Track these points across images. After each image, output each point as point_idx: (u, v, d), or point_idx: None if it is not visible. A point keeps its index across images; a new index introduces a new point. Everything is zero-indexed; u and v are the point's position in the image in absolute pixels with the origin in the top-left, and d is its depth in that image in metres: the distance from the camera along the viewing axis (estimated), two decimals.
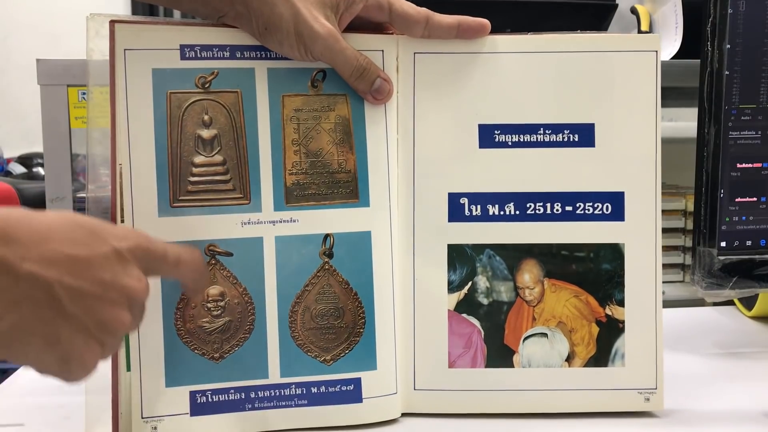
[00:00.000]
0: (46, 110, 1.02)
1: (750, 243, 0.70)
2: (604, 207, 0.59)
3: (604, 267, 0.59)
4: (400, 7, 0.58)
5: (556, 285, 0.60)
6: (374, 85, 0.57)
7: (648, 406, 0.59)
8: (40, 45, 2.66)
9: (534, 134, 0.59)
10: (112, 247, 0.42)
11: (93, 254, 0.41)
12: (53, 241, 0.40)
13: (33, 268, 0.39)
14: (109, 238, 0.43)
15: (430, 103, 0.59)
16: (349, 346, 0.57)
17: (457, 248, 0.59)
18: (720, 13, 0.68)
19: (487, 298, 0.60)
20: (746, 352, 0.77)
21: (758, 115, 0.69)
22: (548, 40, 0.59)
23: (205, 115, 0.56)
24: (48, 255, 0.39)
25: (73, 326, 0.40)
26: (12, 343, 0.40)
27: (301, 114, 0.57)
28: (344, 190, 0.58)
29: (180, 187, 0.55)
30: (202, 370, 0.56)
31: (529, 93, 0.59)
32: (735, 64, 0.68)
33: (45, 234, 0.40)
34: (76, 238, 0.41)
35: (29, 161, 2.64)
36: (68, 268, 0.40)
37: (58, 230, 0.41)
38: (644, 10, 1.15)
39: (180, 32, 0.56)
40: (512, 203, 0.59)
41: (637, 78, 0.59)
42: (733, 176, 0.69)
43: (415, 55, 0.59)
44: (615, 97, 0.59)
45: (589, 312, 0.59)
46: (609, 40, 0.60)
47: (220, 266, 0.56)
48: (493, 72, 0.59)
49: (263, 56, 0.57)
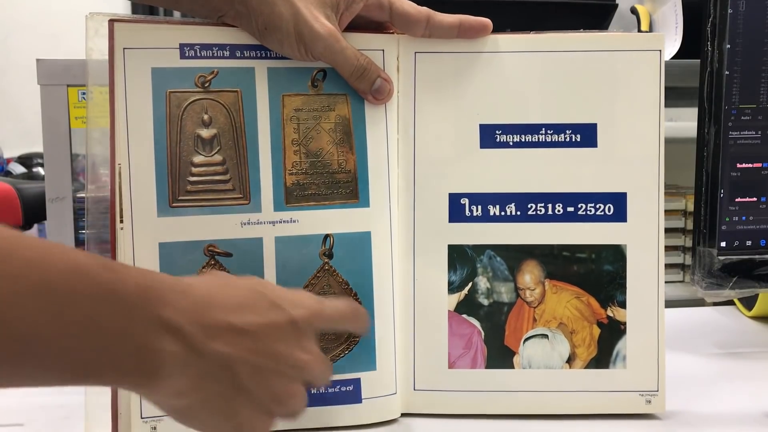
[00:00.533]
0: (46, 110, 1.02)
1: (750, 243, 0.70)
2: (606, 208, 0.59)
3: (605, 268, 0.59)
4: (401, 7, 0.57)
5: (557, 286, 0.59)
6: (374, 85, 0.57)
7: (649, 409, 0.59)
8: (40, 45, 2.65)
9: (536, 134, 0.59)
10: (289, 317, 0.43)
11: (271, 324, 0.42)
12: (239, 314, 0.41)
13: (218, 346, 0.39)
14: (286, 306, 0.43)
15: (431, 102, 0.59)
16: (348, 346, 0.57)
17: (457, 249, 0.59)
18: (720, 13, 0.68)
19: (487, 299, 0.59)
20: (746, 352, 0.77)
21: (758, 115, 0.69)
22: (550, 39, 0.59)
23: (204, 115, 0.56)
24: (233, 331, 0.40)
25: (250, 401, 0.41)
26: (193, 416, 0.41)
27: (301, 114, 0.57)
28: (344, 191, 0.58)
29: (179, 187, 0.55)
30: None
31: (531, 93, 0.59)
32: (735, 64, 0.68)
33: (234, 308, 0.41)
34: (261, 310, 0.42)
35: (29, 161, 2.64)
36: (250, 343, 0.41)
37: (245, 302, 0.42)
38: (644, 10, 1.15)
39: (179, 31, 0.55)
40: (513, 204, 0.59)
41: (641, 77, 0.59)
42: (733, 176, 0.69)
43: (416, 54, 0.59)
44: (618, 96, 0.59)
45: (590, 313, 0.59)
46: (612, 39, 0.59)
47: (220, 267, 0.56)
48: (494, 72, 0.59)
49: (263, 56, 0.57)
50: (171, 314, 0.38)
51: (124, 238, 0.54)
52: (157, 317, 0.37)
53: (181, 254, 0.55)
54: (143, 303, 0.37)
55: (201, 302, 0.40)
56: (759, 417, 0.59)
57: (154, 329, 0.37)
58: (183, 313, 0.38)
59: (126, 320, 0.37)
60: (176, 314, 0.38)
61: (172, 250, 0.55)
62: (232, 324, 0.40)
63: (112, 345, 0.36)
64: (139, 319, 0.37)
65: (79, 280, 0.35)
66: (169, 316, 0.38)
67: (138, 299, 0.37)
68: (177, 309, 0.38)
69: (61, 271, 0.35)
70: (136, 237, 0.54)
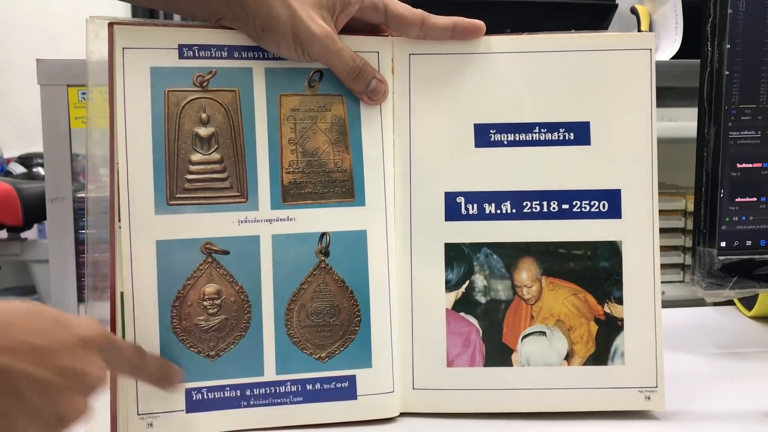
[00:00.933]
0: (46, 110, 1.02)
1: (750, 243, 0.70)
2: (601, 205, 0.59)
3: (602, 265, 0.59)
4: (396, 9, 0.58)
5: (554, 283, 0.59)
6: (370, 86, 0.58)
7: (649, 405, 0.59)
8: (40, 45, 2.66)
9: (529, 133, 0.59)
10: (76, 336, 0.42)
11: (57, 343, 0.41)
12: (17, 330, 0.40)
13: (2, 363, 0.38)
14: (73, 327, 0.43)
15: (426, 103, 0.59)
16: (344, 343, 0.57)
17: (454, 247, 0.59)
18: (720, 13, 0.68)
19: (484, 297, 0.59)
20: (746, 352, 0.76)
21: (758, 115, 0.69)
22: (542, 39, 0.60)
23: (202, 113, 0.56)
24: (11, 344, 0.39)
25: (30, 416, 0.40)
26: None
27: (298, 113, 0.57)
28: (340, 189, 0.58)
29: (177, 185, 0.55)
30: (197, 368, 0.56)
31: (524, 92, 0.59)
32: (735, 64, 0.68)
33: (9, 323, 0.40)
34: (41, 327, 0.41)
35: (29, 161, 2.65)
36: (31, 357, 0.40)
37: (22, 319, 0.41)
38: (644, 10, 1.15)
39: (178, 32, 0.56)
40: (509, 202, 0.59)
41: (632, 76, 0.59)
42: (733, 176, 0.69)
43: (411, 56, 0.60)
44: (610, 95, 0.59)
45: (587, 310, 0.59)
46: (603, 39, 0.60)
47: (217, 264, 0.56)
48: (488, 72, 0.59)
49: (260, 57, 0.57)
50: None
51: (122, 237, 0.54)
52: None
53: (178, 252, 0.55)
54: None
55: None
56: (759, 417, 0.59)
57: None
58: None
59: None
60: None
61: (170, 248, 0.55)
62: (8, 338, 0.40)
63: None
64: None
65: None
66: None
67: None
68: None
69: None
70: (134, 235, 0.54)
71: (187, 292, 0.55)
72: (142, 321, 0.54)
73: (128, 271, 0.54)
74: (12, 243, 2.22)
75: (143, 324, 0.54)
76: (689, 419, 0.58)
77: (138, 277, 0.54)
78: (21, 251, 2.22)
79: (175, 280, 0.55)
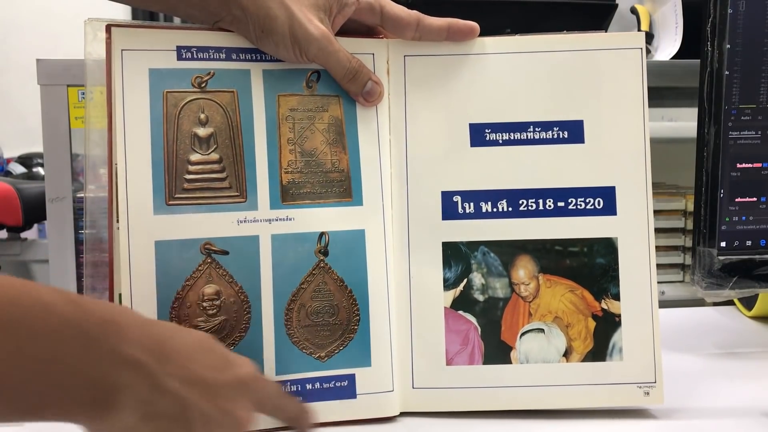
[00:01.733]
0: (46, 110, 1.02)
1: (750, 243, 0.70)
2: (596, 202, 0.59)
3: (598, 261, 0.59)
4: (392, 10, 0.58)
5: (551, 280, 0.60)
6: (365, 88, 0.58)
7: (648, 401, 0.59)
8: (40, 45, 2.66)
9: (524, 132, 0.60)
10: (237, 377, 0.44)
11: (223, 381, 0.43)
12: (196, 362, 0.42)
13: (177, 386, 0.40)
14: (235, 367, 0.44)
15: (422, 103, 0.60)
16: (343, 342, 0.57)
17: (451, 246, 0.59)
18: (720, 13, 0.68)
19: (482, 295, 0.60)
20: (746, 352, 0.76)
21: (758, 115, 0.69)
22: (535, 40, 0.60)
23: (201, 114, 0.56)
24: (191, 376, 0.41)
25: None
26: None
27: (296, 114, 0.58)
28: (338, 189, 0.58)
29: (176, 185, 0.55)
30: None
31: (518, 92, 0.60)
32: (735, 64, 0.68)
33: (190, 354, 0.42)
34: (213, 363, 0.43)
35: (29, 161, 2.65)
36: (204, 392, 0.41)
37: (201, 354, 0.43)
38: (644, 10, 1.15)
39: (176, 34, 0.56)
40: (505, 200, 0.59)
41: (624, 75, 0.60)
42: (733, 176, 0.69)
43: (406, 57, 0.60)
44: (603, 93, 0.60)
45: (584, 306, 0.59)
46: (595, 39, 0.60)
47: (216, 265, 0.56)
48: (482, 72, 0.60)
49: (258, 58, 0.57)
50: (131, 349, 0.38)
51: (120, 237, 0.54)
52: (118, 351, 0.38)
53: (177, 252, 0.55)
54: (104, 336, 0.38)
55: (161, 340, 0.40)
56: (758, 417, 0.59)
57: (111, 362, 0.38)
58: (143, 349, 0.39)
59: (85, 353, 0.37)
60: (136, 349, 0.39)
61: (169, 249, 0.55)
62: (189, 369, 0.41)
63: (69, 378, 0.37)
64: (98, 351, 0.37)
65: (43, 317, 0.36)
66: (129, 351, 0.38)
67: (100, 332, 0.38)
68: (137, 344, 0.39)
69: (26, 308, 0.36)
70: (132, 235, 0.54)
71: (186, 293, 0.55)
72: None
73: (127, 271, 0.54)
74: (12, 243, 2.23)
75: None
76: (689, 419, 0.58)
77: (137, 278, 0.54)
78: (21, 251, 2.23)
79: (174, 281, 0.55)
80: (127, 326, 0.39)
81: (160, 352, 0.40)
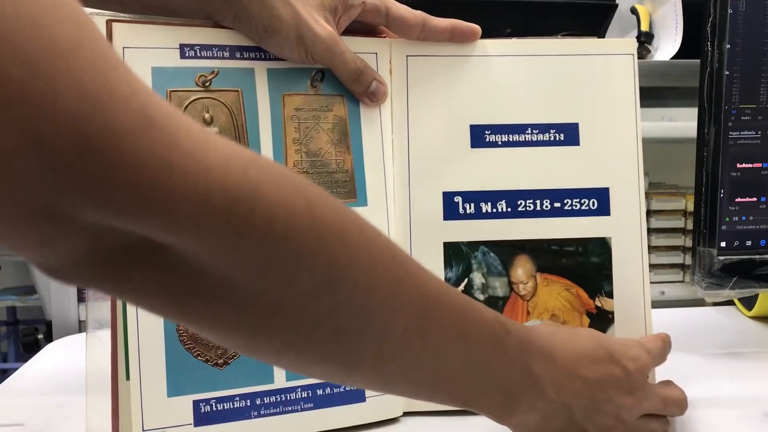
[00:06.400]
0: None
1: (750, 243, 0.70)
2: (591, 203, 0.60)
3: (592, 260, 0.60)
4: (397, 11, 0.58)
5: (548, 279, 0.60)
6: (370, 88, 0.58)
7: None
8: None
9: (522, 134, 0.60)
10: (624, 370, 0.49)
11: (607, 375, 0.48)
12: (581, 367, 0.47)
13: (564, 397, 0.46)
14: (623, 360, 0.49)
15: (423, 104, 0.60)
16: None
17: (452, 246, 0.60)
18: (720, 13, 0.68)
19: (483, 294, 0.60)
20: (746, 352, 0.77)
21: (758, 115, 0.69)
22: (534, 43, 0.61)
23: (206, 114, 0.56)
24: (576, 385, 0.47)
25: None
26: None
27: (302, 113, 0.57)
28: (342, 190, 0.58)
29: None
30: (205, 378, 0.53)
31: (517, 94, 0.61)
32: (735, 64, 0.68)
33: (577, 358, 0.47)
34: (598, 359, 0.48)
35: None
36: (588, 390, 0.47)
37: (585, 352, 0.48)
38: (644, 10, 1.15)
39: (179, 32, 0.55)
40: (504, 201, 0.60)
41: (616, 80, 0.61)
42: (733, 176, 0.70)
43: (408, 57, 0.60)
44: (596, 97, 0.61)
45: (580, 304, 0.60)
46: (590, 44, 0.62)
47: None
48: (483, 74, 0.60)
49: (262, 57, 0.57)
50: (537, 368, 0.45)
51: None
52: (527, 368, 0.44)
53: None
54: (521, 355, 0.44)
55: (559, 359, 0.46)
56: (758, 416, 0.59)
57: (522, 377, 0.44)
58: (545, 369, 0.45)
59: (507, 367, 0.44)
60: (540, 369, 0.45)
61: None
62: (577, 374, 0.47)
63: (492, 384, 0.44)
64: (516, 367, 0.44)
65: (484, 331, 0.43)
66: (536, 370, 0.45)
67: (518, 351, 0.44)
68: (542, 364, 0.45)
69: (475, 322, 0.42)
70: None
71: None
72: (146, 329, 0.52)
73: None
74: None
75: (147, 332, 0.52)
76: (688, 419, 0.58)
77: None
78: None
79: None
80: (534, 348, 0.45)
81: (555, 372, 0.46)
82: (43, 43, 0.25)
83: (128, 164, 0.27)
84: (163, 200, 0.28)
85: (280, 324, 0.35)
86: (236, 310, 0.34)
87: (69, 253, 0.29)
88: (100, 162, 0.26)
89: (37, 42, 0.24)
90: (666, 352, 0.56)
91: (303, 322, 0.35)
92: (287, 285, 0.33)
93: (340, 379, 0.44)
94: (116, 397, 0.52)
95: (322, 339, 0.36)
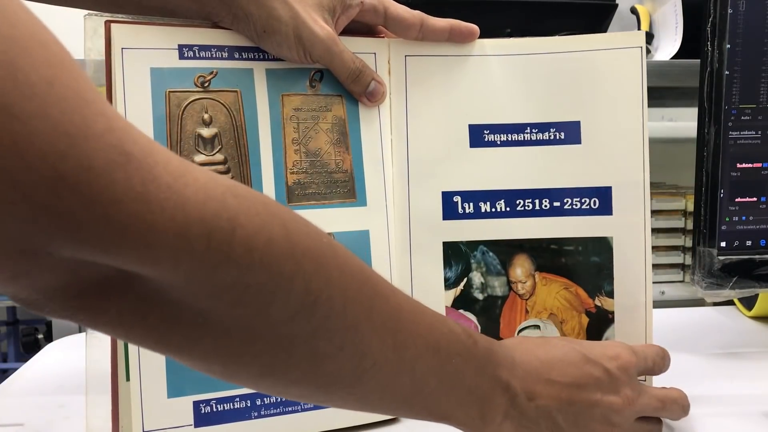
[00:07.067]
0: None
1: (750, 243, 0.70)
2: (592, 202, 0.60)
3: (592, 260, 0.60)
4: (396, 11, 0.58)
5: (546, 278, 0.60)
6: (369, 88, 0.58)
7: None
8: None
9: (521, 133, 0.60)
10: (603, 369, 0.49)
11: (584, 376, 0.48)
12: (553, 371, 0.47)
13: (540, 403, 0.46)
14: (601, 359, 0.49)
15: (422, 104, 0.60)
16: None
17: (452, 245, 0.60)
18: (720, 13, 0.68)
19: (482, 293, 0.60)
20: (746, 352, 0.77)
21: (758, 115, 0.69)
22: (534, 42, 0.61)
23: (204, 114, 0.56)
24: (551, 390, 0.47)
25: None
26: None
27: (301, 113, 0.57)
28: (342, 190, 0.58)
29: None
30: (205, 379, 0.51)
31: (516, 94, 0.60)
32: (735, 64, 0.68)
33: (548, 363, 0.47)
34: (572, 361, 0.48)
35: None
36: (566, 394, 0.47)
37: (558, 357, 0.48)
38: (644, 10, 1.15)
39: (177, 32, 0.55)
40: (503, 200, 0.60)
41: (623, 74, 0.59)
42: (733, 176, 0.69)
43: (406, 57, 0.60)
44: (600, 94, 0.60)
45: (578, 303, 0.60)
46: (594, 40, 0.60)
47: None
48: (481, 74, 0.60)
49: (261, 57, 0.57)
50: (505, 376, 0.45)
51: None
52: (496, 376, 0.44)
53: None
54: (488, 363, 0.44)
55: (527, 365, 0.46)
56: (758, 416, 0.59)
57: (491, 386, 0.44)
58: (514, 375, 0.45)
59: (478, 377, 0.43)
60: (508, 376, 0.45)
61: None
62: (550, 379, 0.47)
63: (466, 396, 0.43)
64: (483, 375, 0.44)
65: (454, 343, 0.42)
66: (504, 377, 0.45)
67: (485, 360, 0.44)
68: (509, 371, 0.45)
69: (445, 335, 0.42)
70: None
71: None
72: None
73: None
74: None
75: None
76: (688, 419, 0.58)
77: None
78: None
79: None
80: (500, 356, 0.45)
81: (525, 378, 0.46)
82: (17, 85, 0.25)
83: (105, 200, 0.27)
84: (141, 235, 0.28)
85: (258, 350, 0.35)
86: (213, 338, 0.34)
87: (43, 287, 0.29)
88: (75, 199, 0.26)
89: (12, 84, 0.25)
90: (661, 357, 0.55)
91: (280, 347, 0.35)
92: (264, 311, 0.33)
93: (318, 400, 0.44)
94: (116, 398, 0.52)
95: (299, 362, 0.36)
